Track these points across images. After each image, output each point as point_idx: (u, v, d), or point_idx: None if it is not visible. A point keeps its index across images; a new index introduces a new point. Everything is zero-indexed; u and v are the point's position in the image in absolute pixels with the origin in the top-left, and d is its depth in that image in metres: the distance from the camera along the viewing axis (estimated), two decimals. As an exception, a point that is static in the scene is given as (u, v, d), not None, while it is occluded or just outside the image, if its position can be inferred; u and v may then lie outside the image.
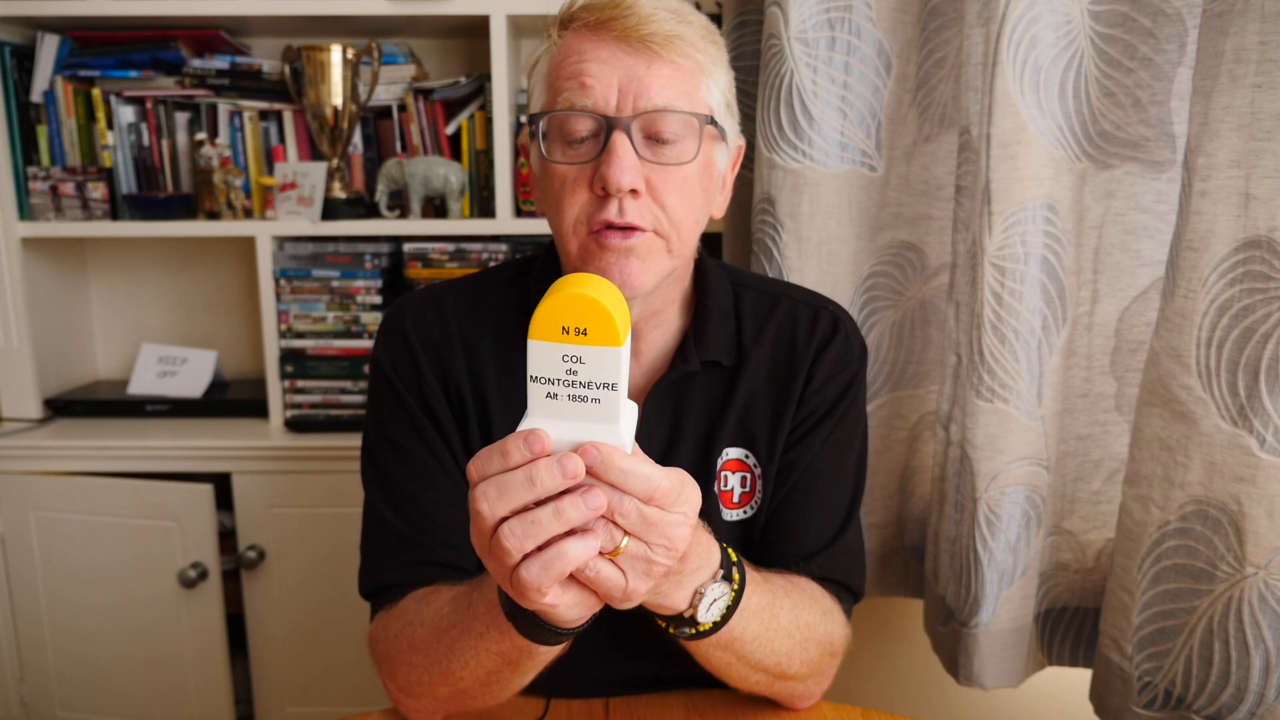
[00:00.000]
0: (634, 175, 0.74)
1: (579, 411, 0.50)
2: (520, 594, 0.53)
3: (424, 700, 0.77)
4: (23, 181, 1.66)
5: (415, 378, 0.85)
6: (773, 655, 0.74)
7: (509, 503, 0.51)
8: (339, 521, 1.60)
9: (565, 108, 0.75)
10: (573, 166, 0.76)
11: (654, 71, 0.74)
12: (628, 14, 0.74)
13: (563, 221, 0.78)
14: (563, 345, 0.49)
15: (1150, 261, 1.10)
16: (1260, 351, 0.80)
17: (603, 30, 0.75)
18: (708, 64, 0.78)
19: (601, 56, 0.75)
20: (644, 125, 0.75)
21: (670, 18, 0.75)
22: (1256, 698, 0.85)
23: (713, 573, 0.66)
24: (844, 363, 0.88)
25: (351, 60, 1.63)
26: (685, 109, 0.75)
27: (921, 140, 1.25)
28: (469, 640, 0.69)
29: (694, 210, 0.79)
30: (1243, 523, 0.83)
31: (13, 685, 1.68)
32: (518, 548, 0.51)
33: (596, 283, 0.49)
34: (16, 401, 1.70)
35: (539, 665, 0.69)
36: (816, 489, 0.86)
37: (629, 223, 0.75)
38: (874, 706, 0.85)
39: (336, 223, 1.65)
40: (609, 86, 0.74)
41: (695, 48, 0.76)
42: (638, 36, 0.74)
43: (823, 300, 0.92)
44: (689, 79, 0.76)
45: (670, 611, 0.66)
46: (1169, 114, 1.04)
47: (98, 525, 1.60)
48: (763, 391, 0.86)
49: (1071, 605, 1.20)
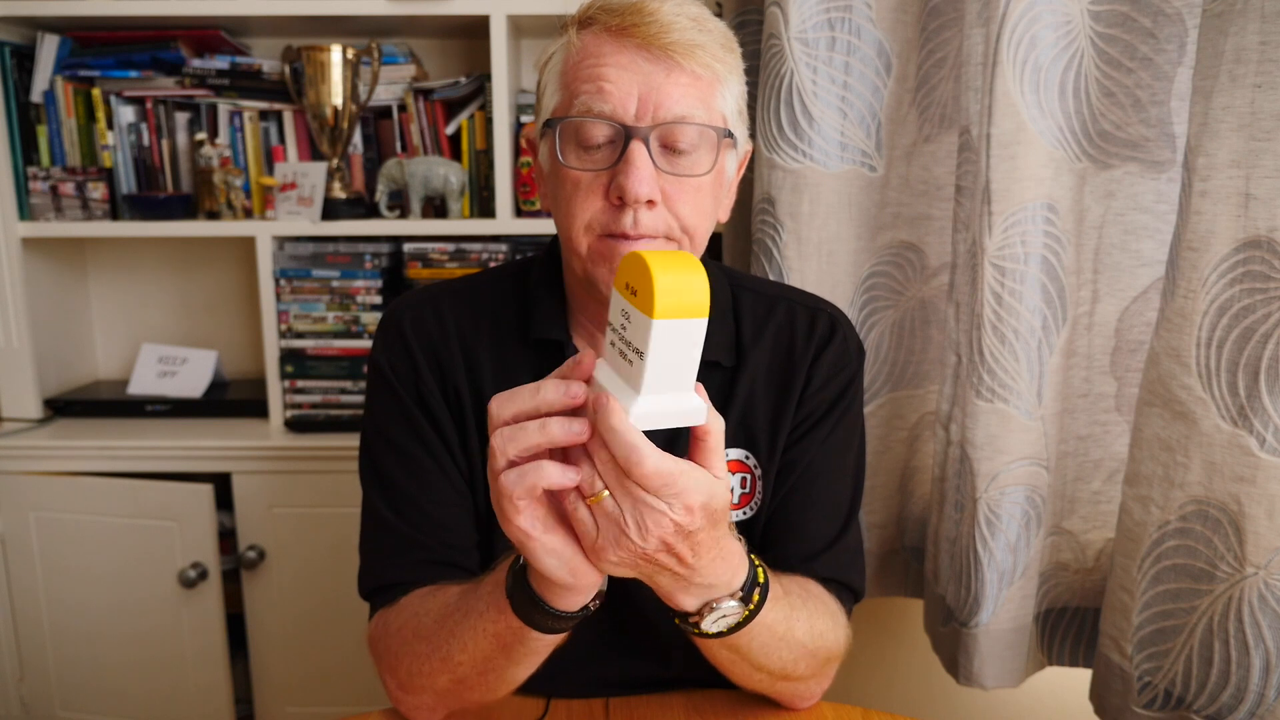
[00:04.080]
0: (651, 186, 0.73)
1: (619, 366, 0.54)
2: (500, 507, 0.57)
3: (424, 695, 0.77)
4: (23, 181, 1.66)
5: (413, 378, 0.85)
6: (779, 661, 0.75)
7: (513, 408, 0.56)
8: (339, 521, 1.60)
9: (583, 112, 0.74)
10: (587, 173, 0.76)
11: (673, 80, 0.74)
12: (650, 21, 0.73)
13: (573, 225, 0.77)
14: (622, 299, 0.52)
15: (1150, 261, 1.10)
16: (1260, 351, 0.80)
17: (624, 36, 0.74)
18: (725, 73, 0.77)
19: (622, 63, 0.74)
20: (661, 135, 0.75)
21: (691, 26, 0.74)
22: (1256, 698, 0.85)
23: (730, 592, 0.65)
24: (842, 364, 0.88)
25: (351, 60, 1.63)
26: (703, 120, 0.75)
27: (921, 140, 1.25)
28: (470, 621, 0.70)
29: (706, 218, 0.80)
30: (1243, 523, 0.83)
31: (13, 685, 1.68)
32: (502, 450, 0.55)
33: (680, 259, 0.51)
34: (16, 401, 1.70)
35: (533, 655, 0.69)
36: (816, 489, 0.86)
37: (642, 234, 0.75)
38: (874, 706, 0.85)
39: (336, 223, 1.65)
40: (628, 94, 0.74)
41: (714, 57, 0.75)
42: (660, 45, 0.73)
43: (820, 302, 0.92)
44: (707, 88, 0.76)
45: (677, 609, 0.66)
46: (1169, 114, 1.04)
47: (98, 525, 1.60)
48: (762, 392, 0.86)
49: (1071, 605, 1.20)
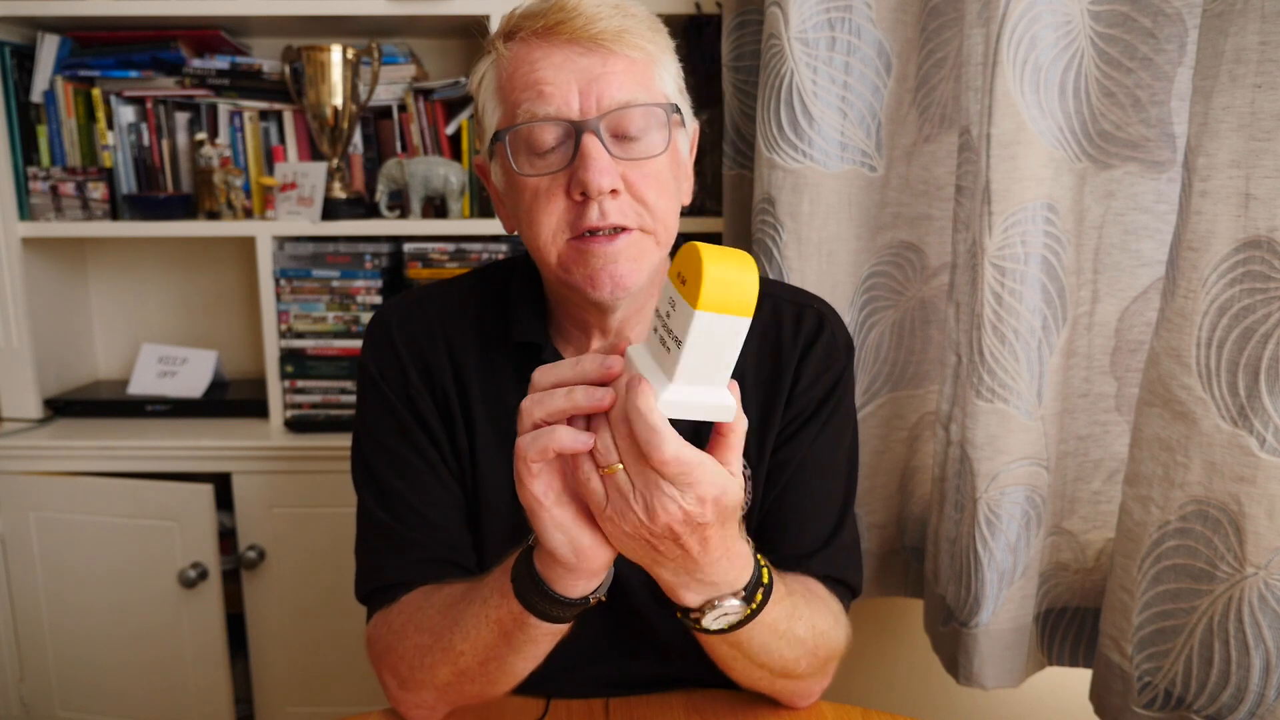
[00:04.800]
0: (611, 175, 0.73)
1: (657, 353, 0.54)
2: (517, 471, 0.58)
3: (424, 692, 0.77)
4: (23, 181, 1.66)
5: (402, 381, 0.84)
6: (779, 659, 0.74)
7: (553, 376, 0.57)
8: (339, 521, 1.59)
9: (527, 119, 0.74)
10: (544, 177, 0.75)
11: (610, 68, 0.74)
12: (574, 15, 0.73)
13: (539, 233, 0.77)
14: (672, 287, 0.53)
15: (1150, 261, 1.10)
16: (1260, 351, 0.80)
17: (552, 35, 0.74)
18: (657, 53, 0.78)
19: (555, 61, 0.74)
20: (610, 124, 0.74)
21: (615, 13, 0.74)
22: (1256, 698, 0.85)
23: (733, 591, 0.66)
24: (830, 360, 0.87)
25: (351, 60, 1.63)
26: (647, 101, 0.75)
27: (921, 140, 1.25)
28: (474, 608, 0.70)
29: (672, 200, 0.79)
30: (1243, 523, 0.82)
31: (13, 685, 1.68)
32: (529, 413, 0.57)
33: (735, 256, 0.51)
34: (16, 401, 1.70)
35: (534, 645, 0.69)
36: (809, 488, 0.86)
37: (614, 224, 0.74)
38: (874, 706, 0.84)
39: (336, 223, 1.65)
40: (569, 90, 0.73)
41: (644, 38, 0.76)
42: (588, 36, 0.73)
43: (807, 297, 0.91)
44: (644, 71, 0.76)
45: (679, 604, 0.66)
46: (1169, 114, 1.04)
47: (98, 525, 1.60)
48: (750, 393, 0.86)
49: (1071, 605, 1.20)
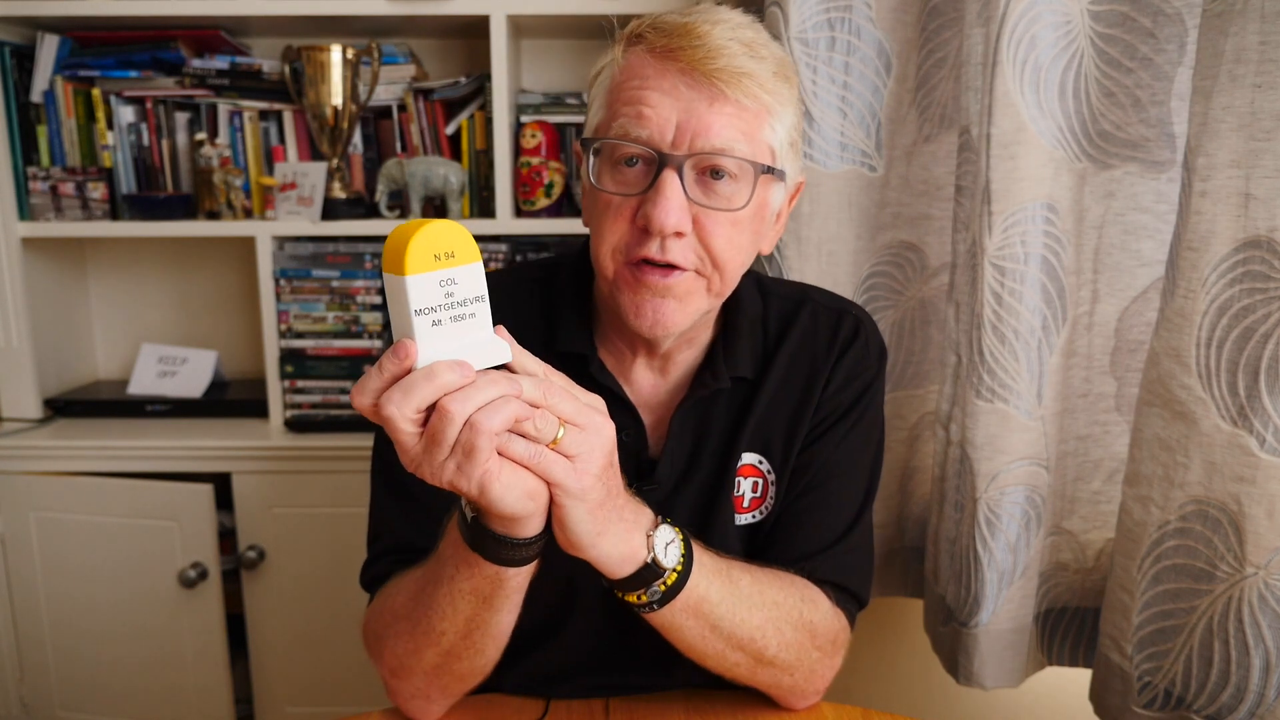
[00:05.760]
0: (680, 217, 0.71)
1: (461, 329, 0.56)
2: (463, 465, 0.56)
3: (415, 679, 0.76)
4: (23, 181, 1.66)
5: None
6: (745, 627, 0.73)
7: (413, 401, 0.54)
8: (339, 521, 1.60)
9: (620, 135, 0.72)
10: (617, 196, 0.74)
11: (716, 110, 0.71)
12: (697, 45, 0.70)
13: (601, 246, 0.76)
14: (439, 272, 0.54)
15: (1150, 261, 1.10)
16: (1260, 351, 0.80)
17: (668, 59, 0.71)
18: (774, 104, 0.73)
19: (663, 87, 0.71)
20: (697, 164, 0.72)
21: (742, 52, 0.71)
22: (1256, 698, 0.85)
23: (652, 519, 0.68)
24: (862, 366, 0.87)
25: (351, 60, 1.63)
26: (744, 154, 0.72)
27: (921, 140, 1.25)
28: (442, 588, 0.69)
29: (741, 252, 0.76)
30: (1243, 523, 0.83)
31: (13, 685, 1.68)
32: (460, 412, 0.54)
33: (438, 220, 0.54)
34: (16, 401, 1.70)
35: (512, 597, 0.68)
36: (827, 490, 0.85)
37: (669, 261, 0.73)
38: (874, 706, 0.84)
39: (336, 223, 1.65)
40: (667, 121, 0.71)
41: (763, 87, 0.72)
42: (703, 71, 0.70)
43: (845, 303, 0.90)
44: (752, 120, 0.72)
45: (635, 564, 0.66)
46: (1169, 114, 1.04)
47: (98, 525, 1.60)
48: (783, 398, 0.85)
49: (1071, 605, 1.20)
